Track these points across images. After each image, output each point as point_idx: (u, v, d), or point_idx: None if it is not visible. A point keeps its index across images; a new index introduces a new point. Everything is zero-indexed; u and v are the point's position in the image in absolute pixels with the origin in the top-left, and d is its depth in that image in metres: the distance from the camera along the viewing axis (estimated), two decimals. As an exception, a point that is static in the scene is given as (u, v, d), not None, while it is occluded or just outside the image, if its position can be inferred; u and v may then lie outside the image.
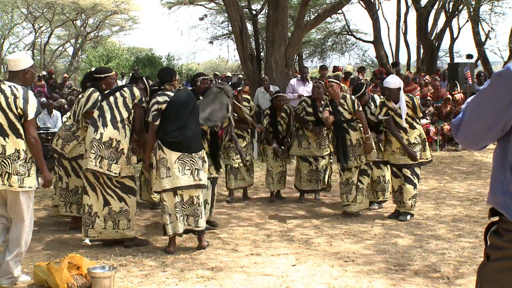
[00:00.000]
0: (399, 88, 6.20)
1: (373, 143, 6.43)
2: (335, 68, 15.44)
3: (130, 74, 5.70)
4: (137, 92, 5.37)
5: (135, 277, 4.41)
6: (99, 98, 5.74)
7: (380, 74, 11.75)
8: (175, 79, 5.34)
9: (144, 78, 6.08)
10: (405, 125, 6.25)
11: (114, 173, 5.16)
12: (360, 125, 6.41)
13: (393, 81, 6.26)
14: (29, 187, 4.23)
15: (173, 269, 4.60)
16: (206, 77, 7.82)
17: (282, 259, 4.86)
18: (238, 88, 7.39)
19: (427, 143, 6.41)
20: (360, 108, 6.41)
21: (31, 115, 4.21)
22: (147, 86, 6.03)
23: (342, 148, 6.38)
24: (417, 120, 6.39)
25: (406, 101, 6.25)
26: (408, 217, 6.27)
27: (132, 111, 5.33)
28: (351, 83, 11.97)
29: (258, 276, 4.39)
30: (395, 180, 6.44)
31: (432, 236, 5.54)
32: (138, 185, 6.64)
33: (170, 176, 5.01)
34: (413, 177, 6.29)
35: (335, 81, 6.61)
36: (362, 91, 6.71)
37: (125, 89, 5.38)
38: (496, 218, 1.82)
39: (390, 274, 4.40)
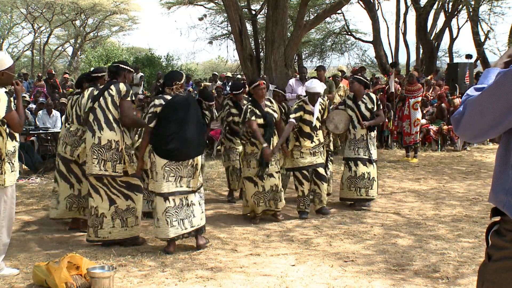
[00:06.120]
0: (319, 93, 6.48)
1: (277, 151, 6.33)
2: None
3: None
4: (123, 87, 5.29)
5: (134, 277, 4.40)
6: None
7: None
8: (177, 84, 5.18)
9: (121, 65, 5.54)
10: (316, 124, 6.48)
11: (119, 172, 5.21)
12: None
13: (312, 86, 6.46)
14: (0, 185, 4.34)
15: (172, 269, 4.59)
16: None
17: (281, 259, 4.85)
18: (235, 92, 7.39)
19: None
20: (289, 119, 6.41)
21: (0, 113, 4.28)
22: (130, 69, 5.65)
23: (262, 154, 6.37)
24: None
25: (321, 103, 6.55)
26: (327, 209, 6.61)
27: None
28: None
29: (258, 276, 4.39)
30: (307, 184, 6.48)
31: (432, 236, 5.53)
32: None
33: (157, 181, 5.05)
34: (326, 174, 6.77)
35: (264, 87, 6.51)
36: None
37: (112, 87, 5.29)
38: (498, 218, 1.82)
39: (390, 274, 4.39)
